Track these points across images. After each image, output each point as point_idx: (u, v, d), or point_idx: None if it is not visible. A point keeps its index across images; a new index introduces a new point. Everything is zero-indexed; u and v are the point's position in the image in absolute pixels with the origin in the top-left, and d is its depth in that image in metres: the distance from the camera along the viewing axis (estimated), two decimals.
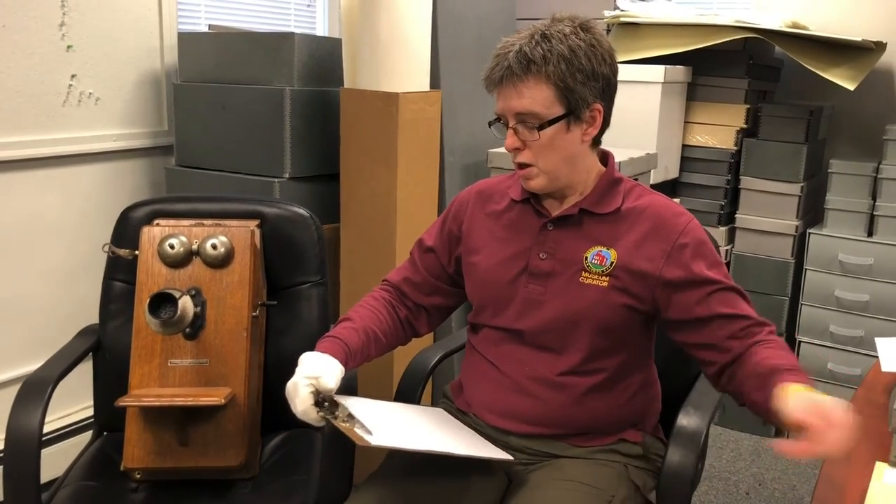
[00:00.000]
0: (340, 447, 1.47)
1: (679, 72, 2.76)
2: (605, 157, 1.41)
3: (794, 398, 1.09)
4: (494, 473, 1.39)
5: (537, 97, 1.27)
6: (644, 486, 1.38)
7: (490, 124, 1.37)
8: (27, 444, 1.41)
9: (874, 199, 2.69)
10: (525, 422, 1.37)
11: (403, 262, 1.58)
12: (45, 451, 1.45)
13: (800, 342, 2.80)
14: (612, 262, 1.33)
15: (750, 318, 1.31)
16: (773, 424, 1.36)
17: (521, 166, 1.33)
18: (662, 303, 1.32)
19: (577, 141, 1.31)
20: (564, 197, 1.38)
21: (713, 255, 1.34)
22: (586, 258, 1.34)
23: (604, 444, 1.38)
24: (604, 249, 1.34)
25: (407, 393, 1.60)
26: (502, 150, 2.49)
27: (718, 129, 2.86)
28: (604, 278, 1.33)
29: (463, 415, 1.47)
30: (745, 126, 2.83)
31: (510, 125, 1.30)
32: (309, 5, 3.27)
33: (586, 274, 1.33)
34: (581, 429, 1.37)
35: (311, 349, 1.76)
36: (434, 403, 2.36)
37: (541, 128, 1.28)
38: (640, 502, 1.36)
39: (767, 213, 2.81)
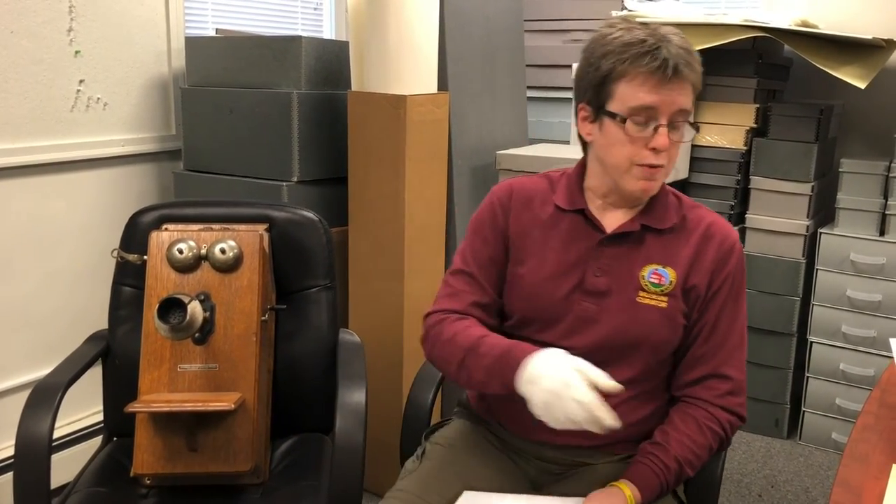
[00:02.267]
0: (351, 452, 1.46)
1: None
2: None
3: (599, 495, 1.23)
4: (517, 483, 1.38)
5: (690, 98, 1.24)
6: (677, 487, 1.37)
7: (608, 113, 1.24)
8: (37, 449, 1.41)
9: (886, 198, 2.67)
10: (564, 434, 1.32)
11: (444, 290, 1.40)
12: (54, 457, 1.45)
13: (812, 343, 2.78)
14: (671, 282, 1.29)
15: (721, 376, 1.32)
16: None
17: (652, 167, 1.24)
18: (695, 315, 1.33)
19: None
20: (620, 207, 1.33)
21: (741, 289, 1.34)
22: (643, 276, 1.30)
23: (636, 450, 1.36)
24: (660, 268, 1.30)
25: (418, 400, 1.58)
26: (511, 151, 2.50)
27: (728, 129, 2.84)
28: (662, 298, 1.29)
29: (486, 424, 1.44)
30: (754, 126, 2.81)
31: (663, 123, 1.21)
32: (316, 8, 3.27)
33: (644, 294, 1.29)
34: (621, 439, 1.34)
35: (321, 353, 1.77)
36: (445, 410, 2.36)
37: (691, 125, 1.25)
38: (672, 500, 1.35)
39: (778, 212, 2.79)
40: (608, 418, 1.11)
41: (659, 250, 1.31)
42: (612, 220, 1.33)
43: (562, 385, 1.12)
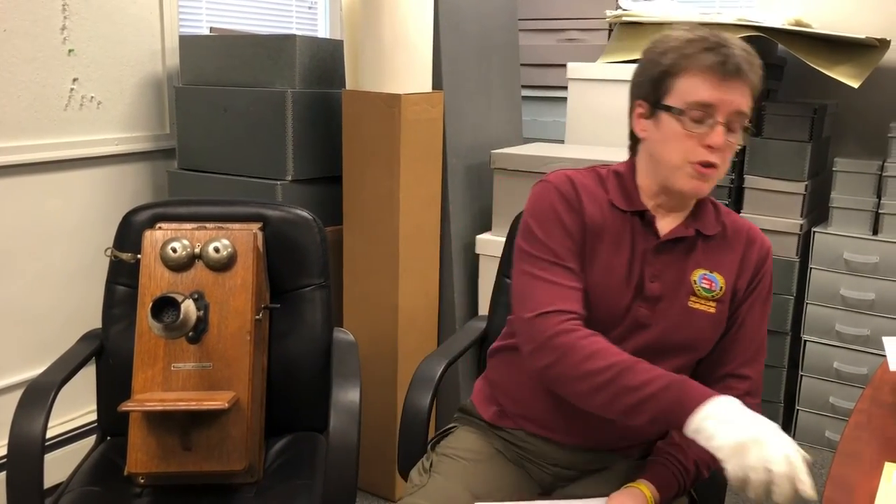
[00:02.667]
0: (345, 451, 1.46)
1: None
2: None
3: (620, 496, 1.22)
4: (529, 492, 1.37)
5: (749, 101, 1.23)
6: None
7: (665, 108, 1.22)
8: (30, 449, 1.41)
9: (879, 197, 2.67)
10: (589, 436, 1.33)
11: (544, 287, 1.25)
12: (47, 457, 1.44)
13: (805, 341, 2.79)
14: (721, 288, 1.30)
15: (740, 376, 1.32)
16: None
17: (706, 165, 1.21)
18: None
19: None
20: (672, 210, 1.31)
21: (769, 295, 1.36)
22: (694, 281, 1.29)
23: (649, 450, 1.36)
24: (709, 273, 1.30)
25: (417, 403, 1.56)
26: (506, 150, 2.50)
27: None
28: (711, 304, 1.29)
29: (496, 430, 1.42)
30: (748, 125, 2.81)
31: (720, 121, 1.20)
32: (310, 7, 3.26)
33: (694, 298, 1.29)
34: (642, 440, 1.35)
35: (315, 352, 1.77)
36: (441, 414, 2.36)
37: (745, 130, 1.24)
38: (685, 497, 1.35)
39: (772, 212, 2.79)
40: (808, 484, 1.01)
41: (706, 256, 1.31)
42: (664, 224, 1.31)
43: (769, 433, 1.05)
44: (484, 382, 1.49)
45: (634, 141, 1.33)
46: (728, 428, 1.06)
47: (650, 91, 1.25)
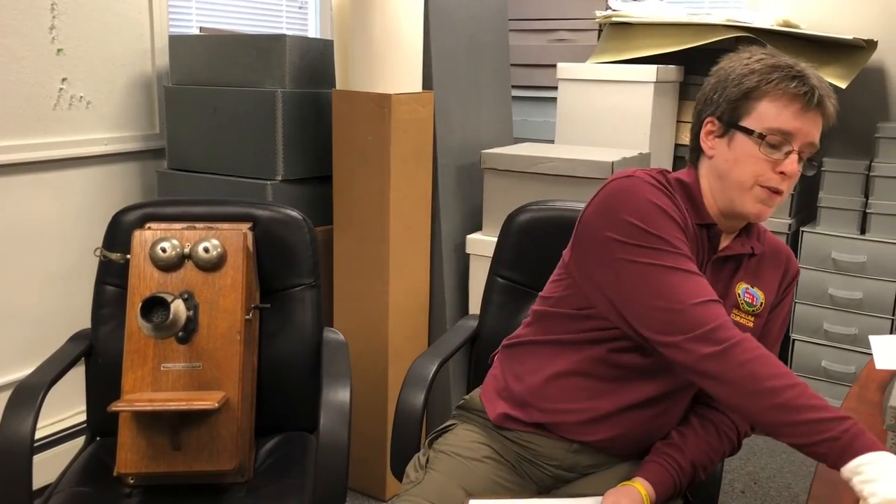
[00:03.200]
0: (335, 450, 1.46)
1: (671, 71, 2.76)
2: None
3: (615, 493, 1.23)
4: (525, 491, 1.38)
5: (820, 134, 1.24)
6: None
7: (743, 129, 1.22)
8: (19, 450, 1.40)
9: (867, 196, 2.69)
10: (603, 435, 1.32)
11: (693, 280, 1.21)
12: (37, 458, 1.44)
13: (794, 340, 2.81)
14: (761, 303, 1.32)
15: None
16: None
17: (775, 191, 1.22)
18: None
19: None
20: (726, 225, 1.31)
21: (790, 307, 1.41)
22: (738, 294, 1.31)
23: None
24: (751, 288, 1.32)
25: (410, 403, 1.55)
26: (496, 150, 2.50)
27: None
28: (751, 318, 1.31)
29: (499, 430, 1.40)
30: (813, 157, 2.83)
31: (795, 150, 1.20)
32: (300, 7, 3.26)
33: (737, 312, 1.30)
34: (649, 443, 1.34)
35: (305, 352, 1.77)
36: (431, 414, 2.36)
37: (811, 160, 1.25)
38: (679, 501, 1.35)
39: None
40: None
41: (750, 271, 1.33)
42: (721, 240, 1.33)
43: None
44: (496, 377, 1.45)
45: (696, 155, 1.33)
46: (891, 479, 1.02)
47: (727, 110, 1.24)
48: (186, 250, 1.61)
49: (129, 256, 1.62)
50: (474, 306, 2.42)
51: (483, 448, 1.40)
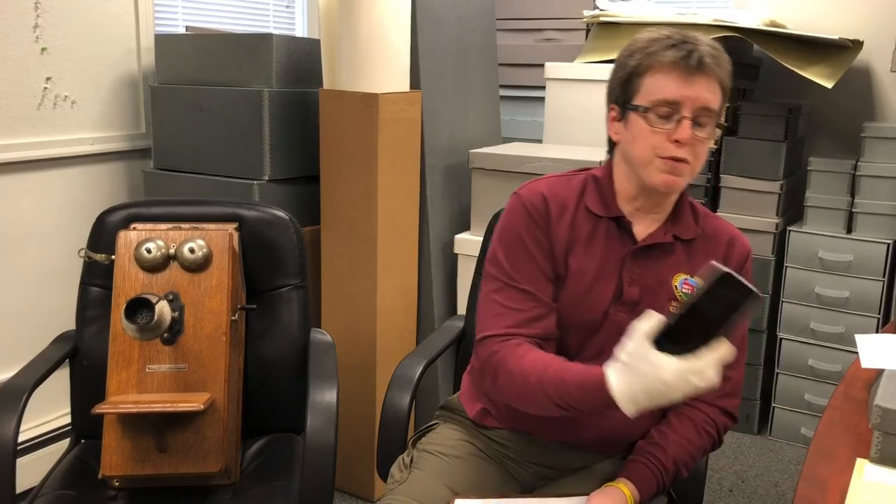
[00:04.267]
0: (322, 452, 1.46)
1: None
2: None
3: (600, 495, 1.23)
4: (509, 490, 1.38)
5: (718, 98, 1.23)
6: None
7: (633, 108, 1.23)
8: (2, 453, 1.39)
9: (853, 196, 2.71)
10: (573, 433, 1.33)
11: (491, 309, 1.29)
12: (20, 461, 1.43)
13: (781, 339, 2.82)
14: None
15: (722, 377, 1.29)
16: None
17: (676, 160, 1.22)
18: None
19: (707, 155, 1.28)
20: (649, 213, 1.31)
21: None
22: (675, 286, 1.30)
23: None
24: (690, 278, 1.30)
25: (396, 403, 1.55)
26: (484, 150, 2.50)
27: None
28: None
29: (479, 428, 1.42)
30: (724, 124, 2.83)
31: (686, 116, 1.20)
32: (287, 6, 3.25)
33: (675, 303, 1.29)
34: (623, 440, 1.35)
35: (292, 353, 1.76)
36: (419, 414, 2.36)
37: (718, 127, 1.24)
38: (663, 496, 1.35)
39: (748, 210, 2.82)
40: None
41: (686, 260, 1.31)
42: (642, 229, 1.31)
43: (650, 379, 1.05)
44: (470, 378, 1.47)
45: (612, 145, 1.34)
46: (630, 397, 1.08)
47: (620, 94, 1.27)
48: (172, 251, 1.60)
49: (113, 257, 1.61)
50: (462, 306, 2.41)
51: (466, 446, 1.40)
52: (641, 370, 1.05)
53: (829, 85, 2.55)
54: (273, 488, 1.55)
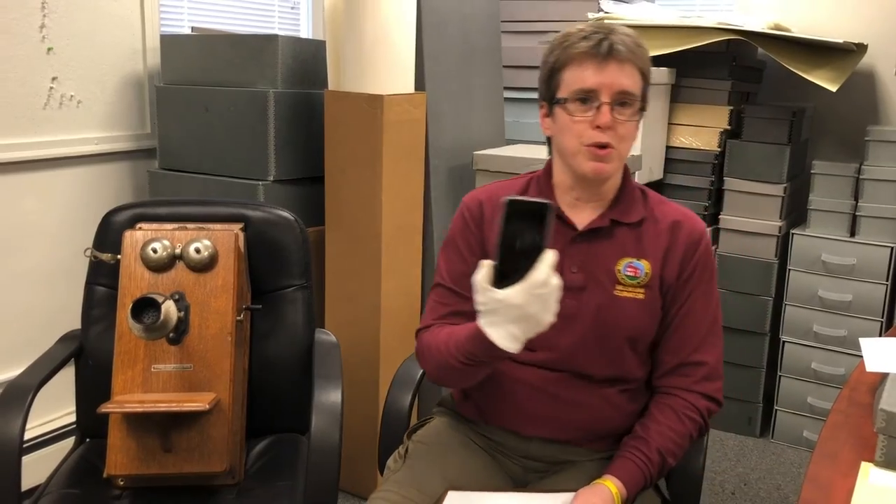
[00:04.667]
0: (326, 452, 1.46)
1: (662, 73, 2.76)
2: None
3: (587, 492, 1.24)
4: (501, 481, 1.39)
5: (636, 82, 1.28)
6: (660, 484, 1.39)
7: (556, 101, 1.29)
8: (8, 451, 1.39)
9: (856, 199, 2.71)
10: (553, 429, 1.35)
11: (427, 305, 1.43)
12: (25, 459, 1.43)
13: (784, 342, 2.82)
14: (646, 274, 1.32)
15: (695, 363, 1.34)
16: None
17: (602, 146, 1.26)
18: (667, 304, 1.35)
19: (634, 140, 1.32)
20: (589, 202, 1.35)
21: (711, 278, 1.36)
22: (619, 270, 1.32)
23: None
24: (635, 261, 1.33)
25: (397, 402, 1.57)
26: (488, 151, 2.50)
27: (702, 131, 2.87)
28: (639, 290, 1.32)
29: (470, 423, 1.44)
30: (728, 127, 2.84)
31: (605, 101, 1.25)
32: (293, 7, 3.25)
33: (620, 287, 1.32)
34: (607, 434, 1.36)
35: (297, 353, 1.77)
36: (422, 411, 2.36)
37: (642, 108, 1.29)
38: (656, 497, 1.37)
39: (751, 213, 2.82)
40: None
41: (632, 243, 1.34)
42: (583, 217, 1.35)
43: (505, 312, 1.11)
44: None
45: (549, 142, 1.39)
46: (501, 332, 1.13)
47: (545, 91, 1.33)
48: (177, 251, 1.60)
49: (119, 257, 1.62)
50: None
51: (459, 438, 1.43)
52: (497, 310, 1.11)
53: (833, 88, 2.55)
54: (277, 488, 1.55)
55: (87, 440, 1.72)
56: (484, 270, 1.11)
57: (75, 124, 2.34)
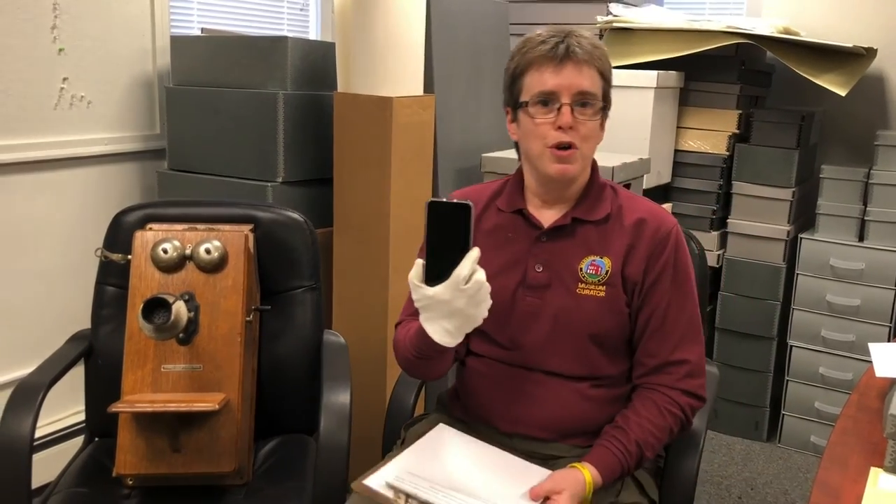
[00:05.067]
0: (335, 453, 1.46)
1: (672, 77, 2.76)
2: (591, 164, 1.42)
3: (560, 474, 1.25)
4: None
5: (596, 83, 1.30)
6: (647, 485, 1.39)
7: (519, 106, 1.33)
8: (18, 450, 1.40)
9: (865, 204, 2.70)
10: (531, 426, 1.37)
11: (406, 301, 1.46)
12: (35, 457, 1.44)
13: (791, 347, 2.81)
14: (606, 271, 1.33)
15: (676, 361, 1.34)
16: None
17: (564, 147, 1.29)
18: (637, 303, 1.36)
19: (599, 140, 1.34)
20: (556, 203, 1.38)
21: (686, 275, 1.36)
22: (581, 269, 1.34)
23: None
24: (597, 258, 1.34)
25: (401, 400, 1.59)
26: (496, 154, 2.50)
27: (711, 135, 2.87)
28: (600, 288, 1.33)
29: (463, 424, 1.46)
30: (737, 131, 2.84)
31: (565, 103, 1.28)
32: (302, 9, 3.26)
33: (583, 285, 1.34)
34: (584, 430, 1.37)
35: (305, 354, 1.77)
36: (427, 409, 2.36)
37: (604, 108, 1.32)
38: (644, 501, 1.37)
39: (759, 218, 2.82)
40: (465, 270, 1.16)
41: (596, 241, 1.35)
42: (549, 217, 1.38)
43: (442, 308, 1.19)
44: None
45: (517, 146, 1.41)
46: (436, 328, 1.22)
47: (509, 96, 1.37)
48: (188, 251, 1.61)
49: (130, 257, 1.62)
50: None
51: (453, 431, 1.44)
52: (430, 306, 1.19)
53: (842, 93, 2.55)
54: (286, 489, 1.56)
55: (96, 439, 1.73)
56: (416, 269, 1.19)
57: (85, 125, 2.35)
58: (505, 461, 1.33)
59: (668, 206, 2.87)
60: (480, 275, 1.16)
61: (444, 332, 1.20)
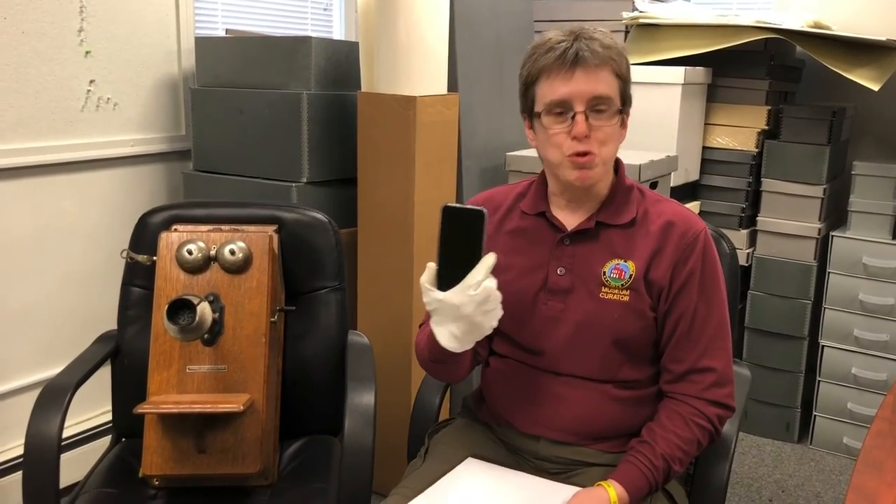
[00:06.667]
0: (359, 454, 1.46)
1: (699, 73, 2.73)
2: (616, 165, 1.38)
3: (584, 493, 1.23)
4: None
5: (610, 85, 1.27)
6: (677, 495, 1.36)
7: (534, 115, 1.30)
8: (46, 450, 1.41)
9: None
10: (555, 429, 1.35)
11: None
12: (63, 457, 1.45)
13: (823, 346, 2.76)
14: (630, 276, 1.31)
15: (703, 369, 1.31)
16: None
17: (582, 154, 1.26)
18: (663, 308, 1.33)
19: (621, 139, 1.32)
20: (581, 206, 1.35)
21: (713, 280, 1.33)
22: (604, 273, 1.32)
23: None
24: (621, 262, 1.31)
25: (426, 403, 1.58)
26: (521, 153, 2.49)
27: (739, 131, 2.82)
28: (624, 293, 1.30)
29: (487, 427, 1.45)
30: (766, 127, 2.79)
31: (579, 111, 1.25)
32: (325, 9, 3.26)
33: (606, 289, 1.31)
34: (611, 433, 1.35)
35: (330, 354, 1.77)
36: (453, 411, 2.35)
37: (623, 108, 1.28)
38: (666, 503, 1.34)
39: (789, 215, 2.77)
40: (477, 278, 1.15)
41: (621, 245, 1.33)
42: (573, 220, 1.35)
43: (452, 317, 1.18)
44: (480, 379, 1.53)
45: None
46: (446, 332, 1.20)
47: (524, 105, 1.35)
48: (212, 252, 1.61)
49: (155, 258, 1.63)
50: None
51: (478, 437, 1.44)
52: (439, 310, 1.17)
53: (875, 87, 2.49)
54: (310, 490, 1.56)
55: (123, 440, 1.74)
56: (428, 272, 1.18)
57: (112, 126, 2.36)
58: (531, 485, 1.31)
59: (696, 205, 2.84)
60: (491, 282, 1.15)
61: (451, 337, 1.19)
